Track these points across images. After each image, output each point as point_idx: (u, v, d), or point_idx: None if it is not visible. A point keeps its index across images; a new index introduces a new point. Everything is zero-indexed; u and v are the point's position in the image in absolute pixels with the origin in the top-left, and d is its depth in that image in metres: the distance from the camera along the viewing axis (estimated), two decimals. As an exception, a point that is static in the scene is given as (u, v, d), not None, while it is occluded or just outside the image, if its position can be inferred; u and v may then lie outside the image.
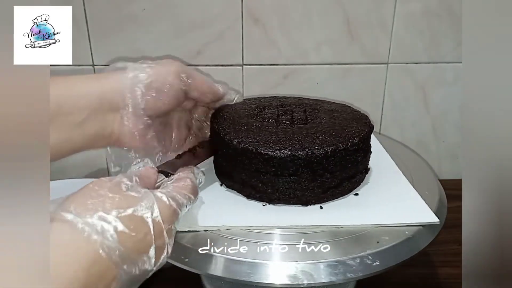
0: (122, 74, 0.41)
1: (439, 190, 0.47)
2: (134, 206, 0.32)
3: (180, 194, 0.36)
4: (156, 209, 0.33)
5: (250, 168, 0.42)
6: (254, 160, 0.42)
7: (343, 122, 0.46)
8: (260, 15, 0.66)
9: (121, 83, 0.40)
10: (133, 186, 0.35)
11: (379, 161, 0.51)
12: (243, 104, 0.51)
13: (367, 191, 0.46)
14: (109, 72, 0.42)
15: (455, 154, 0.77)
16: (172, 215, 0.35)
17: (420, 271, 0.55)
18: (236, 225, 0.40)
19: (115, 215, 0.31)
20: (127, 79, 0.40)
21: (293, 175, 0.42)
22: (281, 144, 0.41)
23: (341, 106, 0.51)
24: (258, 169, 0.42)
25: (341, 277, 0.36)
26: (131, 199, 0.33)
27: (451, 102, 0.73)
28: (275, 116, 0.48)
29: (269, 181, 0.42)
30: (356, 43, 0.69)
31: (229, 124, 0.45)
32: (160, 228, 0.33)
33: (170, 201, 0.35)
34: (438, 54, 0.70)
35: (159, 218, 0.33)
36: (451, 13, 0.67)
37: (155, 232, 0.33)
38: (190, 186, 0.38)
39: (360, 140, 0.43)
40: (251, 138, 0.43)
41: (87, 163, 0.74)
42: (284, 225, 0.40)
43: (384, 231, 0.40)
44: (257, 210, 0.43)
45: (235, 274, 0.36)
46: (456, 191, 0.42)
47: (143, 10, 0.65)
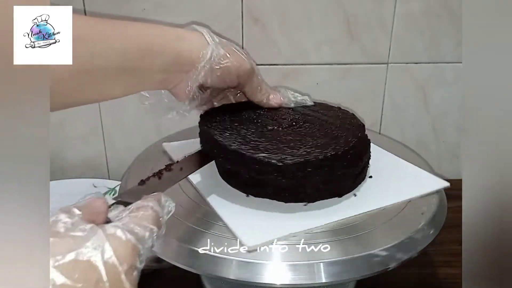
0: (201, 45, 0.44)
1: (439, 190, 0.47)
2: (77, 249, 0.26)
3: (139, 225, 0.30)
4: (109, 248, 0.27)
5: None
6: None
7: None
8: (260, 15, 0.66)
9: (197, 56, 0.44)
10: (75, 222, 0.28)
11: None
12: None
13: (379, 177, 0.48)
14: (192, 33, 0.45)
15: (455, 154, 0.77)
16: (131, 253, 0.28)
17: (420, 271, 0.55)
18: (300, 230, 0.39)
19: (52, 265, 0.25)
20: (203, 57, 0.44)
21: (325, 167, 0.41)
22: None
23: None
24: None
25: (341, 277, 0.36)
26: (72, 240, 0.27)
27: (451, 102, 0.73)
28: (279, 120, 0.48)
29: (306, 180, 0.41)
30: (356, 43, 0.69)
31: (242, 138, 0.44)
32: (116, 271, 0.27)
33: (126, 236, 0.28)
34: (438, 54, 0.70)
35: (113, 259, 0.27)
36: (451, 13, 0.67)
37: (110, 277, 0.26)
38: (151, 215, 0.31)
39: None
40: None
41: (87, 163, 0.74)
42: (336, 220, 0.41)
43: (384, 230, 0.40)
44: (302, 211, 0.42)
45: (235, 274, 0.36)
46: (456, 191, 0.42)
47: (143, 10, 0.65)
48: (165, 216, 0.33)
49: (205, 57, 0.44)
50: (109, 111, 0.71)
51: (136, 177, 0.50)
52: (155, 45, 0.42)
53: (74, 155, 0.73)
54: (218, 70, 0.44)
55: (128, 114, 0.71)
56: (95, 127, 0.72)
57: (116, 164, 0.74)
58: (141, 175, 0.50)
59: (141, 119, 0.71)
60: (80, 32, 0.37)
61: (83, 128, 0.72)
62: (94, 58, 0.39)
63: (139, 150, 0.58)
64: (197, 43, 0.44)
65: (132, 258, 0.28)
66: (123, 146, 0.73)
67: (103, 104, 0.70)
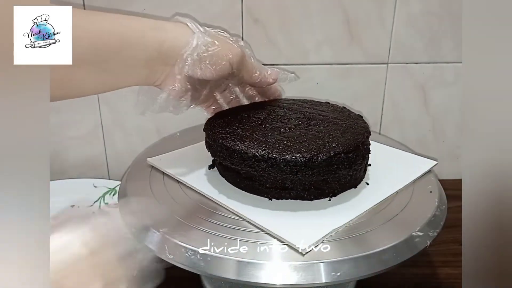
0: (185, 35, 0.42)
1: (439, 190, 0.47)
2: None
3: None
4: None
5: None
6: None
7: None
8: (260, 15, 0.66)
9: (181, 46, 0.41)
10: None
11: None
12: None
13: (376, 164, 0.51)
14: (174, 24, 0.43)
15: (455, 154, 0.77)
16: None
17: (420, 271, 0.55)
18: (342, 224, 0.41)
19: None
20: (188, 46, 0.41)
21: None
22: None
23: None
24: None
25: (341, 277, 0.36)
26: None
27: (451, 102, 0.73)
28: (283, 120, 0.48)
29: (333, 175, 0.43)
30: (356, 43, 0.69)
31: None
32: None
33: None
34: (438, 54, 0.70)
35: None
36: (451, 13, 0.67)
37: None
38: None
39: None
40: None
41: (87, 163, 0.74)
42: (368, 208, 0.43)
43: (384, 230, 0.40)
44: (330, 206, 0.44)
45: (235, 274, 0.36)
46: (456, 191, 0.42)
47: (143, 10, 0.65)
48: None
49: (191, 46, 0.41)
50: (109, 111, 0.71)
51: (136, 177, 0.50)
52: (132, 37, 0.39)
53: (74, 155, 0.73)
54: (206, 58, 0.42)
55: (128, 114, 0.71)
56: (95, 127, 0.72)
57: (116, 164, 0.74)
58: (141, 175, 0.50)
59: (141, 119, 0.71)
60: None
61: (83, 128, 0.72)
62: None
63: (139, 150, 0.58)
64: (180, 33, 0.42)
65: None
66: (123, 146, 0.73)
67: (103, 104, 0.70)
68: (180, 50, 0.41)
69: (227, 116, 0.49)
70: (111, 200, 0.65)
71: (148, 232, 0.41)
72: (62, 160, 0.73)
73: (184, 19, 0.43)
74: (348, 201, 0.44)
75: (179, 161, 0.52)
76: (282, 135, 0.44)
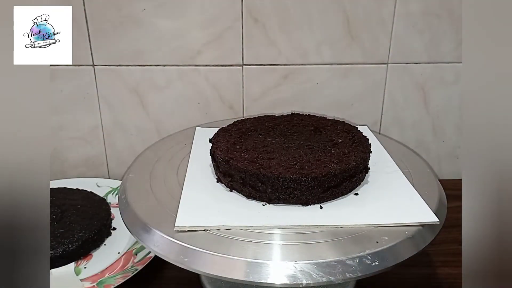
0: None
1: (439, 190, 0.47)
2: None
3: None
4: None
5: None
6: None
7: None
8: (260, 15, 0.66)
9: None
10: None
11: (379, 160, 0.51)
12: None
13: (367, 190, 0.46)
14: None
15: (455, 154, 0.77)
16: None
17: (420, 271, 0.55)
18: (236, 224, 0.40)
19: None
20: None
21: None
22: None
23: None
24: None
25: (340, 277, 0.36)
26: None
27: (451, 102, 0.73)
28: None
29: (269, 181, 0.42)
30: (356, 43, 0.69)
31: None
32: None
33: None
34: (438, 54, 0.70)
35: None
36: (451, 13, 0.67)
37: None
38: None
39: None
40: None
41: (87, 163, 0.74)
42: (284, 225, 0.40)
43: (384, 231, 0.40)
44: (257, 210, 0.43)
45: (235, 274, 0.36)
46: (456, 191, 0.42)
47: (143, 10, 0.65)
48: None
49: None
50: (109, 111, 0.71)
51: (136, 177, 0.50)
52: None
53: (74, 155, 0.73)
54: None
55: (128, 114, 0.71)
56: (95, 127, 0.72)
57: (116, 164, 0.74)
58: (141, 175, 0.50)
59: (141, 119, 0.71)
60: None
61: (83, 128, 0.72)
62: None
63: (139, 150, 0.58)
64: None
65: None
66: (123, 146, 0.73)
67: (103, 104, 0.70)
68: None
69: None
70: (113, 200, 0.65)
71: (148, 232, 0.41)
72: (62, 160, 0.73)
73: None
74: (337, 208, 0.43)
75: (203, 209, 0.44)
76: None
